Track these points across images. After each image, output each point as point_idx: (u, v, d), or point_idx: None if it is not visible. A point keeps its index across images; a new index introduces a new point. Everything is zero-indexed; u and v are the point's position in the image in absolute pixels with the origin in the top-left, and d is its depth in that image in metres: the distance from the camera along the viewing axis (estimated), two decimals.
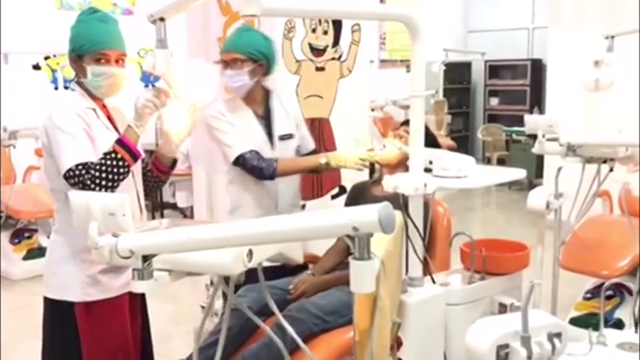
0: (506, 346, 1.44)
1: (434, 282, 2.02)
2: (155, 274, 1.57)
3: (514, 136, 8.16)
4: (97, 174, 2.00)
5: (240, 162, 2.56)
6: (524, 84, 9.56)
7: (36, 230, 5.13)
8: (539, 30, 9.42)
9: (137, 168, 2.25)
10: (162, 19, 1.80)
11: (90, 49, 2.09)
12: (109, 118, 2.21)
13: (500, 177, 2.35)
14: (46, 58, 6.39)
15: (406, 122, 2.67)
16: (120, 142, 2.05)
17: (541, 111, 8.96)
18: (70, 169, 2.00)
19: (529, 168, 7.00)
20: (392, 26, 8.76)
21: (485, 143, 9.07)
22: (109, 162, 2.01)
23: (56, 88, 6.50)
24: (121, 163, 2.02)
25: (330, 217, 1.29)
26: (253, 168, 2.54)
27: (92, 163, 2.01)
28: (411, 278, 1.97)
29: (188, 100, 2.14)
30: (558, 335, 1.48)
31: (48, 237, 5.12)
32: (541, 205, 2.64)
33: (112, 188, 2.04)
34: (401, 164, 2.44)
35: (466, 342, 1.49)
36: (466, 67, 10.23)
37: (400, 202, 1.95)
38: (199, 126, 2.43)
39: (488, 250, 2.15)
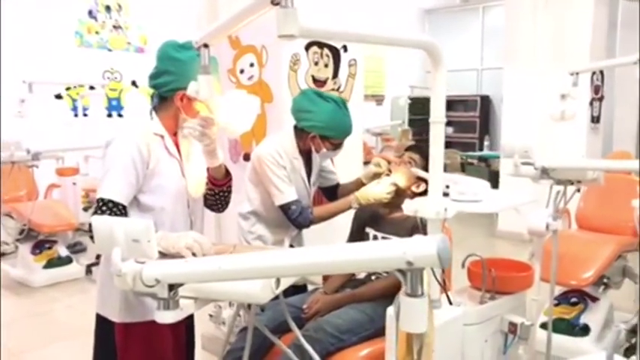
0: None
1: (450, 303, 1.70)
2: (180, 303, 1.24)
3: (468, 159, 8.13)
4: None
5: (285, 208, 2.26)
6: (474, 116, 9.40)
7: (56, 242, 4.71)
8: (487, 70, 9.46)
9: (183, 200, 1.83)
10: (206, 46, 1.45)
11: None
12: (176, 144, 1.83)
13: (512, 201, 2.05)
14: (68, 88, 6.03)
15: (409, 148, 2.39)
16: None
17: (491, 139, 8.97)
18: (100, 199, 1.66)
19: None
20: (366, 65, 8.54)
21: (445, 165, 8.92)
22: None
23: (76, 115, 6.13)
24: None
25: (382, 249, 0.98)
26: (295, 218, 2.26)
27: None
28: (432, 300, 1.66)
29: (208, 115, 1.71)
30: None
31: (67, 248, 4.81)
32: (541, 226, 2.33)
33: None
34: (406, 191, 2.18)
35: None
36: (427, 101, 10.02)
37: (419, 224, 1.64)
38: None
39: (493, 269, 1.84)
